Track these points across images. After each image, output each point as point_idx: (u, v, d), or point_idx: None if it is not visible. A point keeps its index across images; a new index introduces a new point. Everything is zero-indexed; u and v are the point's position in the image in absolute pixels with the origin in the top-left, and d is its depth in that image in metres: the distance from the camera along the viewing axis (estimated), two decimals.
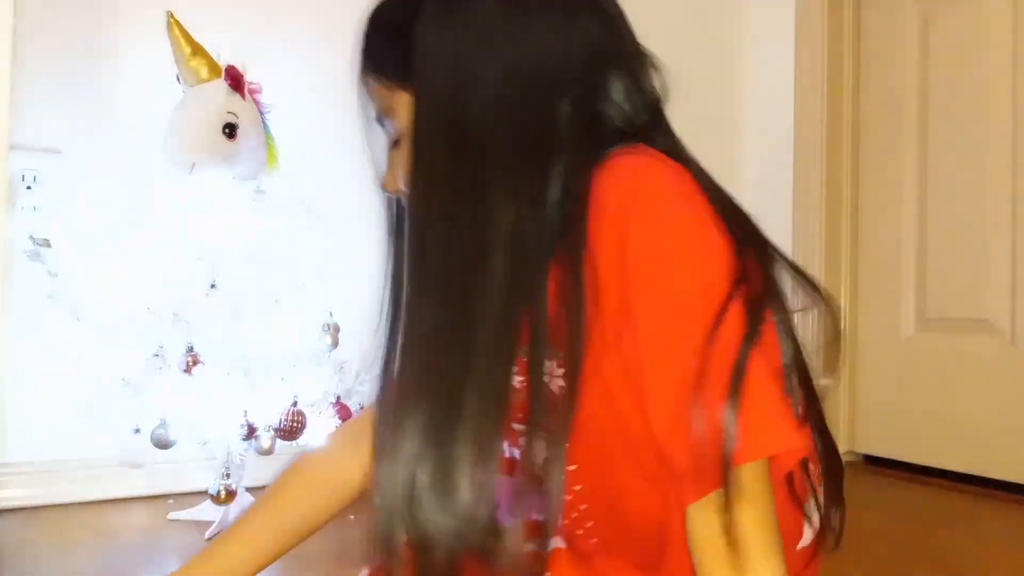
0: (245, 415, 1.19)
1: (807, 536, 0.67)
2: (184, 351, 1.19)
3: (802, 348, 0.62)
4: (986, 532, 1.42)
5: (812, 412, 0.64)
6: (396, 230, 0.71)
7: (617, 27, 0.68)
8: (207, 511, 1.30)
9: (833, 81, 1.97)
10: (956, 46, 1.79)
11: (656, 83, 0.68)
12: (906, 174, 1.87)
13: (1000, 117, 1.69)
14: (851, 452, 1.98)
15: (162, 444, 1.19)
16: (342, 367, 1.37)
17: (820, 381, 0.66)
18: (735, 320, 0.53)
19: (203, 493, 1.31)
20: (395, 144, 0.68)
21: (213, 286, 1.22)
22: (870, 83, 1.95)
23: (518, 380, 0.58)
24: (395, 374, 0.61)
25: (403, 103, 0.65)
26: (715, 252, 0.56)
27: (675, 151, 0.65)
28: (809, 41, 2.00)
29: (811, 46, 1.99)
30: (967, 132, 1.75)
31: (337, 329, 1.29)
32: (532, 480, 0.57)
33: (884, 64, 1.93)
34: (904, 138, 1.87)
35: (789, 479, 0.62)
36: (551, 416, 0.57)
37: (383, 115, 0.68)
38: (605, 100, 0.65)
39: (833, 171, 1.96)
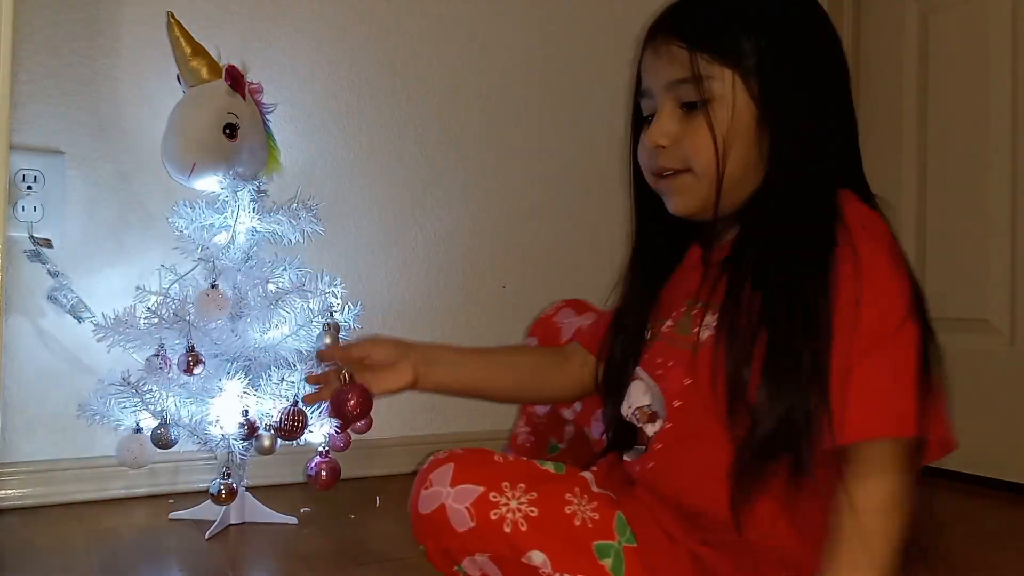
0: (245, 415, 1.19)
1: None
2: (184, 351, 1.19)
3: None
4: (986, 532, 1.42)
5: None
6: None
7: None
8: (207, 511, 1.30)
9: None
10: (956, 45, 1.79)
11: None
12: (905, 174, 1.87)
13: (1000, 116, 1.70)
14: None
15: (162, 444, 1.19)
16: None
17: None
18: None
19: (203, 493, 1.31)
20: (684, 106, 0.80)
21: (213, 286, 1.22)
22: (870, 83, 1.95)
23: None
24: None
25: (726, 79, 0.78)
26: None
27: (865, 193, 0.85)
28: None
29: None
30: (966, 131, 1.75)
31: (337, 329, 1.29)
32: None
33: (884, 64, 1.93)
34: (903, 138, 1.87)
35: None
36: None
37: (686, 83, 0.79)
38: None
39: None
